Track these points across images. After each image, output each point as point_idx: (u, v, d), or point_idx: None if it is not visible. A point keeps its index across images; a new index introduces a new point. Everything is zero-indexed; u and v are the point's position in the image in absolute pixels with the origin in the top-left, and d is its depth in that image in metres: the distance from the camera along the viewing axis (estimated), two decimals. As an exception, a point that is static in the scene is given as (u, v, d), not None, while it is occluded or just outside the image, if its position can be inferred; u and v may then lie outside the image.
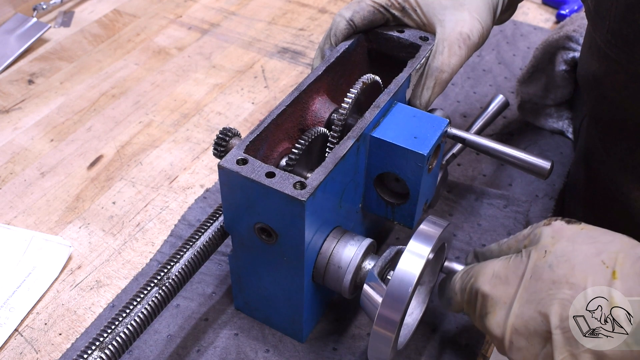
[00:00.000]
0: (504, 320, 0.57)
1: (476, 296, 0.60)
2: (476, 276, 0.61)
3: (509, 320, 0.57)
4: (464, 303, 0.63)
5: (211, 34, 1.22)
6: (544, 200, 0.90)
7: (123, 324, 0.60)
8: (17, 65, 1.14)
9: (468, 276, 0.62)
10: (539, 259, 0.57)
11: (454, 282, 0.64)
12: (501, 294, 0.58)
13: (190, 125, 1.02)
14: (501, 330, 0.57)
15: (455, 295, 0.64)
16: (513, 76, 1.11)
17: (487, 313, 0.59)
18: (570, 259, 0.55)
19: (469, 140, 0.74)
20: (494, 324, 0.58)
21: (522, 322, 0.56)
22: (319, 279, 0.67)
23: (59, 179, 0.93)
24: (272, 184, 0.58)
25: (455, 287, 0.64)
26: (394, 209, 0.72)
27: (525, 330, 0.55)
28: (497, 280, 0.59)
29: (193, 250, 0.65)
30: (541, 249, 0.57)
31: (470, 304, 0.62)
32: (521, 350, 0.56)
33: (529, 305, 0.55)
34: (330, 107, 0.72)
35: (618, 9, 0.68)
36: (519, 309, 0.56)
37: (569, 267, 0.54)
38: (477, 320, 0.61)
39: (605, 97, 0.79)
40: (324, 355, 0.72)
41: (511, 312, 0.57)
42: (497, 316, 0.58)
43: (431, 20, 0.75)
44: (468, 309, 0.63)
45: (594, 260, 0.54)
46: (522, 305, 0.56)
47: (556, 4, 1.28)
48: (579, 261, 0.54)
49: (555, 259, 0.55)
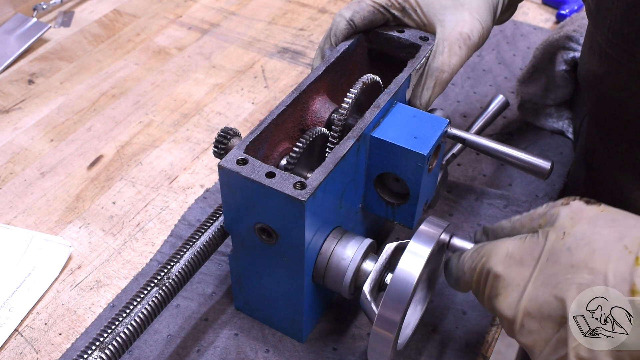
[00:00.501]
0: (516, 302, 0.55)
1: (487, 276, 0.58)
2: (488, 255, 0.59)
3: (521, 302, 0.55)
4: (473, 283, 0.60)
5: (211, 34, 1.22)
6: (544, 200, 0.90)
7: (123, 324, 0.60)
8: (17, 65, 1.14)
9: (479, 255, 0.60)
10: (557, 241, 0.54)
11: (463, 261, 0.62)
12: (515, 275, 0.56)
13: (190, 125, 1.02)
14: (512, 312, 0.55)
15: (463, 275, 0.61)
16: (513, 76, 1.11)
17: (499, 294, 0.57)
18: (591, 242, 0.53)
19: (469, 140, 0.74)
20: (505, 305, 0.56)
21: (536, 305, 0.54)
22: (319, 279, 0.67)
23: (59, 179, 0.93)
24: (272, 184, 0.58)
25: (464, 266, 0.61)
26: (394, 209, 0.72)
27: (539, 313, 0.54)
28: (511, 261, 0.57)
29: (193, 250, 0.65)
30: (559, 230, 0.55)
31: (480, 284, 0.59)
32: (532, 334, 0.55)
33: (545, 288, 0.53)
34: (330, 107, 0.72)
35: (619, 8, 0.68)
36: (534, 292, 0.54)
37: (589, 250, 0.52)
38: (486, 301, 0.59)
39: (606, 97, 0.79)
40: (324, 355, 0.72)
41: (525, 294, 0.55)
42: (509, 297, 0.56)
43: (431, 20, 0.75)
44: (477, 289, 0.61)
45: (616, 244, 0.52)
46: (537, 288, 0.54)
47: (556, 4, 1.28)
48: (599, 245, 0.52)
49: (575, 241, 0.53)
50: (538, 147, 0.98)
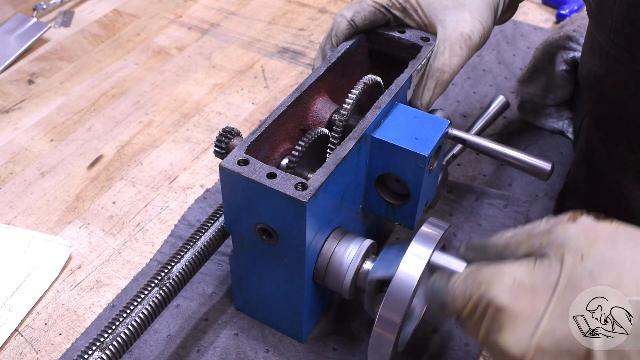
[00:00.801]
0: (527, 338, 0.48)
1: (486, 307, 0.51)
2: (488, 283, 0.51)
3: (534, 338, 0.48)
4: (465, 312, 0.53)
5: (211, 34, 1.22)
6: (544, 200, 0.90)
7: (123, 324, 0.60)
8: (17, 65, 1.14)
9: (475, 282, 0.52)
10: (576, 265, 0.48)
11: (454, 286, 0.54)
12: (526, 306, 0.49)
13: (190, 125, 1.02)
14: (522, 350, 0.48)
15: (453, 302, 0.54)
16: (513, 76, 1.11)
17: (503, 328, 0.50)
18: (616, 265, 0.47)
19: (469, 141, 0.74)
20: (511, 342, 0.49)
21: (553, 340, 0.47)
22: (320, 279, 0.67)
23: (59, 179, 0.93)
24: (274, 184, 0.58)
25: (455, 292, 0.54)
26: (394, 209, 0.72)
27: (556, 349, 0.47)
28: (519, 290, 0.50)
29: (193, 251, 0.65)
30: (576, 252, 0.49)
31: (476, 314, 0.52)
32: None
33: (565, 320, 0.47)
34: (331, 107, 0.72)
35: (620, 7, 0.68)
36: (550, 325, 0.48)
37: (615, 275, 0.47)
38: (483, 334, 0.52)
39: (607, 97, 0.79)
40: (324, 355, 0.72)
41: (539, 328, 0.48)
42: (517, 332, 0.49)
43: (432, 20, 0.75)
44: (468, 317, 0.53)
45: None
46: (555, 321, 0.48)
47: (556, 4, 1.28)
48: (626, 268, 0.47)
49: (597, 265, 0.47)
50: (538, 147, 0.98)
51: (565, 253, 0.49)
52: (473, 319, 0.52)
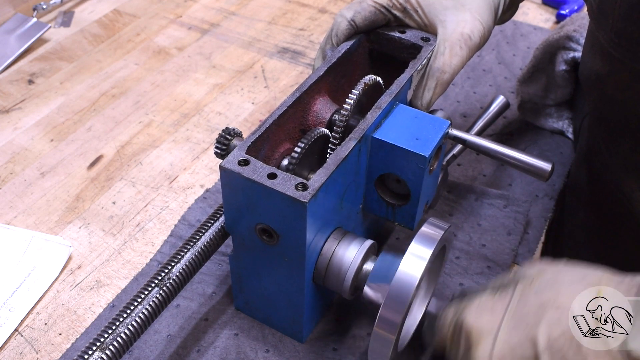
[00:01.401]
0: (489, 350, 0.55)
1: (460, 330, 0.59)
2: (463, 309, 0.60)
3: (495, 349, 0.55)
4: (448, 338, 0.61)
5: (211, 34, 1.22)
6: (544, 200, 0.90)
7: (124, 324, 0.60)
8: (17, 65, 1.14)
9: (455, 310, 0.61)
10: (525, 287, 0.57)
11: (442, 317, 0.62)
12: (486, 323, 0.57)
13: (190, 125, 1.02)
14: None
15: (440, 329, 0.62)
16: (513, 76, 1.11)
17: (471, 345, 0.57)
18: (556, 283, 0.55)
19: (469, 141, 0.74)
20: (478, 356, 0.56)
21: (509, 349, 0.54)
22: (320, 279, 0.67)
23: (59, 179, 0.93)
24: (274, 185, 0.58)
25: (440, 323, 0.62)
26: (394, 209, 0.72)
27: (512, 357, 0.54)
28: (482, 311, 0.58)
29: (194, 251, 0.65)
30: (527, 279, 0.57)
31: (454, 337, 0.60)
32: None
33: (516, 330, 0.54)
34: (331, 107, 0.72)
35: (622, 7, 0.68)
36: (506, 336, 0.55)
37: (555, 290, 0.54)
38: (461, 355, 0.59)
39: (608, 97, 0.79)
40: (324, 356, 0.72)
41: (497, 340, 0.55)
42: (481, 347, 0.56)
43: (432, 21, 0.75)
44: (451, 344, 0.61)
45: (579, 283, 0.54)
46: (509, 332, 0.55)
47: (556, 4, 1.28)
48: (564, 284, 0.54)
49: (542, 284, 0.56)
50: (538, 147, 0.98)
51: (519, 282, 0.58)
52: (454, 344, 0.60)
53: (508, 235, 0.84)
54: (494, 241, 0.83)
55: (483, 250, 0.82)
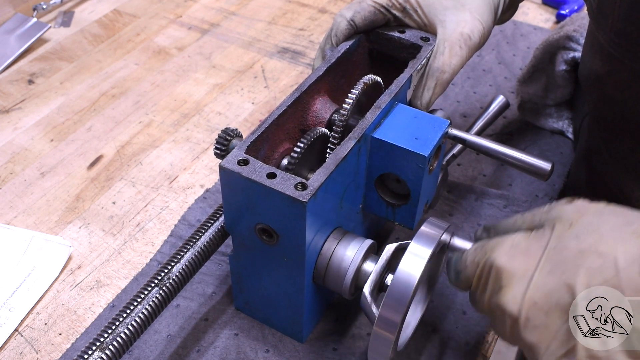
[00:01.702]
0: (522, 294, 0.52)
1: (489, 270, 0.56)
2: (492, 249, 0.56)
3: (527, 293, 0.52)
4: (475, 278, 0.58)
5: (211, 34, 1.22)
6: (544, 200, 0.90)
7: (124, 324, 0.60)
8: (17, 65, 1.14)
9: (482, 249, 0.58)
10: (564, 230, 0.53)
11: (466, 255, 0.60)
12: (520, 265, 0.53)
13: (190, 125, 1.02)
14: (517, 305, 0.52)
15: (465, 269, 0.59)
16: (513, 76, 1.11)
17: (502, 287, 0.54)
18: (598, 229, 0.51)
19: (469, 141, 0.74)
20: (509, 299, 0.53)
21: (544, 294, 0.51)
22: (320, 279, 0.67)
23: (59, 179, 0.93)
24: (274, 184, 0.58)
25: (467, 260, 0.59)
26: (394, 209, 0.72)
27: (546, 303, 0.51)
28: (516, 252, 0.54)
29: (194, 251, 0.65)
30: (566, 221, 0.54)
31: (482, 278, 0.57)
32: (537, 328, 0.52)
33: (552, 275, 0.51)
34: (331, 107, 0.72)
35: (622, 7, 0.68)
36: (541, 280, 0.52)
37: (597, 236, 0.51)
38: (487, 298, 0.56)
39: (608, 96, 0.79)
40: (324, 356, 0.72)
41: (531, 283, 0.52)
42: (513, 290, 0.53)
43: (432, 20, 0.75)
44: (477, 285, 0.58)
45: (624, 229, 0.51)
46: (545, 276, 0.52)
47: (556, 4, 1.28)
48: (607, 231, 0.51)
49: (582, 228, 0.52)
50: (538, 147, 0.98)
51: (557, 223, 0.54)
52: (481, 284, 0.57)
53: (508, 235, 0.84)
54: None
55: (483, 250, 0.82)
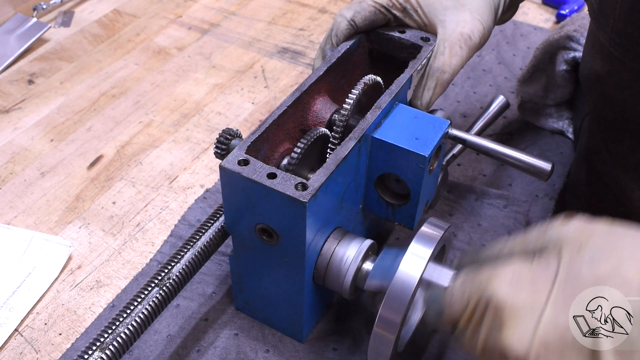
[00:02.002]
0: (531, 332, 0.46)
1: (486, 306, 0.49)
2: (487, 281, 0.50)
3: (538, 331, 0.45)
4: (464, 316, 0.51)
5: (211, 34, 1.22)
6: (544, 200, 0.90)
7: (124, 324, 0.60)
8: (17, 65, 1.14)
9: (473, 282, 0.51)
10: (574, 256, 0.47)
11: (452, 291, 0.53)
12: (526, 299, 0.47)
13: (190, 125, 1.02)
14: (525, 346, 0.46)
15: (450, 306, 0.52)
16: (513, 76, 1.11)
17: (504, 325, 0.47)
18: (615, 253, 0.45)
19: (469, 141, 0.74)
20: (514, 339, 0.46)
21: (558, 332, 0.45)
22: (320, 279, 0.67)
23: (59, 179, 0.93)
24: (274, 185, 0.58)
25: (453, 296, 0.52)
26: (394, 209, 0.72)
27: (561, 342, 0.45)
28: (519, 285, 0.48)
29: (194, 251, 0.65)
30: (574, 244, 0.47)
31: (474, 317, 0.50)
32: None
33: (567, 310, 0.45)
34: (331, 107, 0.72)
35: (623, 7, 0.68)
36: (553, 316, 0.45)
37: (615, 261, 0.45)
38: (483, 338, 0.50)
39: (608, 96, 0.79)
40: (324, 355, 0.72)
41: (542, 320, 0.45)
42: (519, 328, 0.46)
43: (432, 20, 0.75)
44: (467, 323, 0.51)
45: None
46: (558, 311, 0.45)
47: (556, 4, 1.28)
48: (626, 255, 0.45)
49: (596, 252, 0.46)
50: (538, 147, 0.98)
51: (563, 247, 0.48)
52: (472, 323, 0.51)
53: (508, 235, 0.84)
54: (494, 241, 0.83)
55: (483, 250, 0.82)
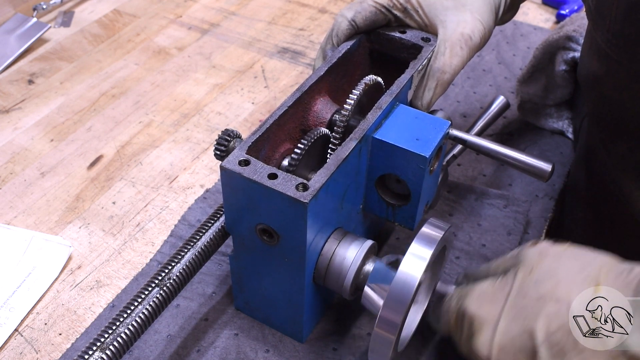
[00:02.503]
0: (490, 339, 0.57)
1: (463, 317, 0.60)
2: (464, 296, 0.61)
3: (495, 339, 0.56)
4: (452, 324, 0.62)
5: (211, 34, 1.22)
6: (544, 200, 0.90)
7: (124, 324, 0.60)
8: (17, 65, 1.14)
9: (457, 297, 0.62)
10: (525, 277, 0.57)
11: (447, 302, 0.64)
12: (487, 312, 0.58)
13: (190, 125, 1.02)
14: (487, 350, 0.57)
15: (445, 315, 0.63)
16: (513, 76, 1.11)
17: (474, 333, 0.58)
18: (555, 274, 0.55)
19: (470, 142, 0.74)
20: (480, 344, 0.57)
21: (509, 340, 0.55)
22: (320, 280, 0.67)
23: (59, 179, 0.93)
24: (275, 185, 0.58)
25: (445, 307, 0.63)
26: (395, 210, 0.72)
27: (512, 347, 0.55)
28: (483, 300, 0.59)
29: (194, 251, 0.65)
30: (527, 267, 0.58)
31: (458, 325, 0.61)
32: None
33: (515, 322, 0.55)
34: (332, 107, 0.72)
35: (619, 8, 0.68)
36: (505, 327, 0.56)
37: (554, 282, 0.55)
38: (464, 343, 0.60)
39: (606, 97, 0.79)
40: (324, 356, 0.72)
41: (497, 330, 0.56)
42: (483, 335, 0.57)
43: (433, 21, 0.75)
44: (455, 329, 0.62)
45: (578, 275, 0.54)
46: (509, 323, 0.56)
47: (556, 4, 1.28)
48: (563, 276, 0.55)
49: (541, 275, 0.56)
50: (538, 147, 0.98)
51: (519, 269, 0.58)
52: (457, 330, 0.61)
53: (508, 235, 0.84)
54: (494, 241, 0.83)
55: (483, 250, 0.82)
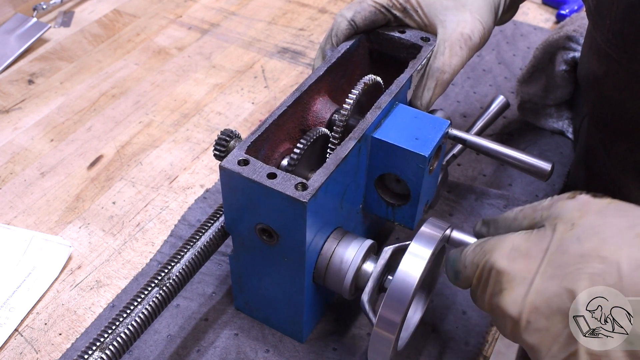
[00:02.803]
0: (522, 297, 0.52)
1: (490, 272, 0.55)
2: (492, 250, 0.56)
3: (528, 297, 0.52)
4: (474, 279, 0.58)
5: (211, 34, 1.22)
6: (544, 201, 0.90)
7: (124, 324, 0.60)
8: (17, 65, 1.14)
9: (482, 250, 0.57)
10: (565, 232, 0.52)
11: (465, 255, 0.59)
12: (521, 268, 0.53)
13: (190, 125, 1.02)
14: (518, 309, 0.52)
15: (464, 269, 0.59)
16: (513, 76, 1.11)
17: (503, 290, 0.54)
18: (601, 231, 0.50)
19: (469, 141, 0.74)
20: (509, 302, 0.53)
21: (544, 299, 0.51)
22: (320, 279, 0.67)
23: (59, 179, 0.93)
24: (274, 185, 0.58)
25: (465, 260, 0.59)
26: (394, 209, 0.72)
27: (547, 308, 0.51)
28: (516, 254, 0.54)
29: (194, 251, 0.65)
30: (567, 221, 0.52)
31: (482, 280, 0.57)
32: (539, 332, 0.51)
33: (553, 280, 0.51)
34: (331, 107, 0.72)
35: (619, 8, 0.68)
36: (542, 285, 0.51)
37: (599, 239, 0.50)
38: (488, 299, 0.56)
39: (606, 97, 0.79)
40: (324, 356, 0.72)
41: (532, 287, 0.52)
42: (514, 293, 0.53)
43: (432, 21, 0.75)
44: (477, 286, 0.58)
45: (628, 233, 0.49)
46: (545, 281, 0.51)
47: (556, 4, 1.28)
48: (610, 234, 0.50)
49: (584, 231, 0.51)
50: (538, 147, 0.98)
51: (558, 223, 0.53)
52: (480, 285, 0.57)
53: (508, 235, 0.84)
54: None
55: (483, 250, 0.82)
